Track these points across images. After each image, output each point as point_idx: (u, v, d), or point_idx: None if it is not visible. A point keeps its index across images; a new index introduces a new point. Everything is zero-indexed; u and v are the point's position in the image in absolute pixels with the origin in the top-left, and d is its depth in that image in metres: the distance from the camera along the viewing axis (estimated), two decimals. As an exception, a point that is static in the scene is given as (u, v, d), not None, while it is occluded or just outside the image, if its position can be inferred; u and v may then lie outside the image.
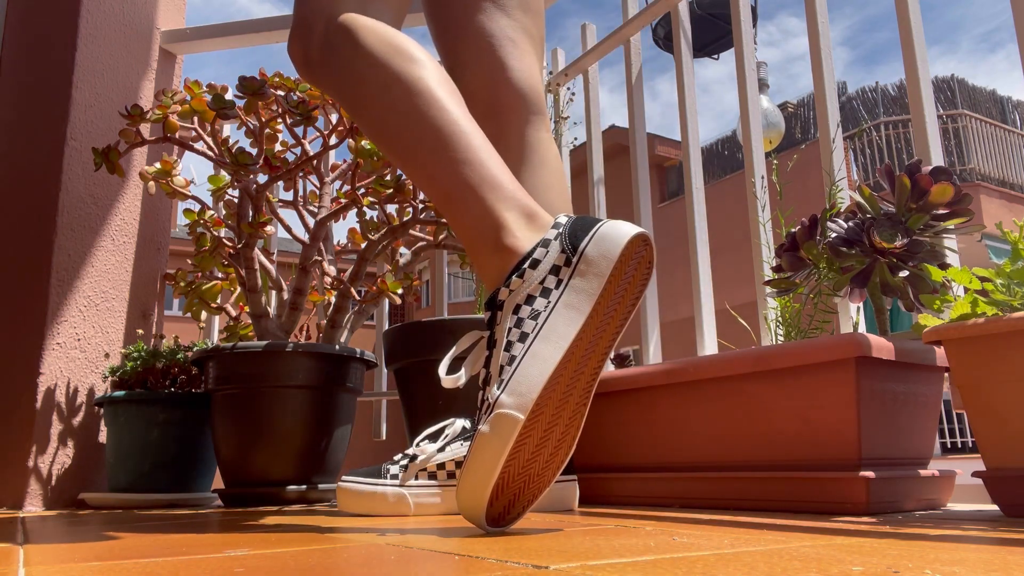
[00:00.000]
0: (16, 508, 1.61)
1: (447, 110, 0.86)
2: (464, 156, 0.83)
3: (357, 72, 0.90)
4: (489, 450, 0.72)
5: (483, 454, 0.72)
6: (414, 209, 1.70)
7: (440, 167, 0.84)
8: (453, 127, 0.85)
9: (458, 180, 0.83)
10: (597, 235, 0.78)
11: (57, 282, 1.74)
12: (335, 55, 0.92)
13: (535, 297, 0.76)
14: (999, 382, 0.80)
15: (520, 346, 0.74)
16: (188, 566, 0.53)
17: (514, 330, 0.76)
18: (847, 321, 1.27)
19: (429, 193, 0.86)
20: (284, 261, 1.95)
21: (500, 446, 0.71)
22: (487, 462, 0.72)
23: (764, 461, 1.00)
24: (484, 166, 0.83)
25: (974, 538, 0.61)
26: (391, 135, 0.88)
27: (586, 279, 0.76)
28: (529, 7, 1.16)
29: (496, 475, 0.71)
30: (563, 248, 0.78)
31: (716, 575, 0.43)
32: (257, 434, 1.50)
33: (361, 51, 0.90)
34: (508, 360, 0.74)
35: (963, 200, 1.03)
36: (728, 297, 1.80)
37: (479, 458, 0.72)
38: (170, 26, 2.10)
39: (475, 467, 0.72)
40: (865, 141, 9.73)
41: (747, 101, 1.50)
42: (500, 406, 0.72)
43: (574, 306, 0.75)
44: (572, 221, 0.81)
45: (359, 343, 2.00)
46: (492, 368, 0.76)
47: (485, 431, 0.72)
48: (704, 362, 1.09)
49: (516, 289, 0.77)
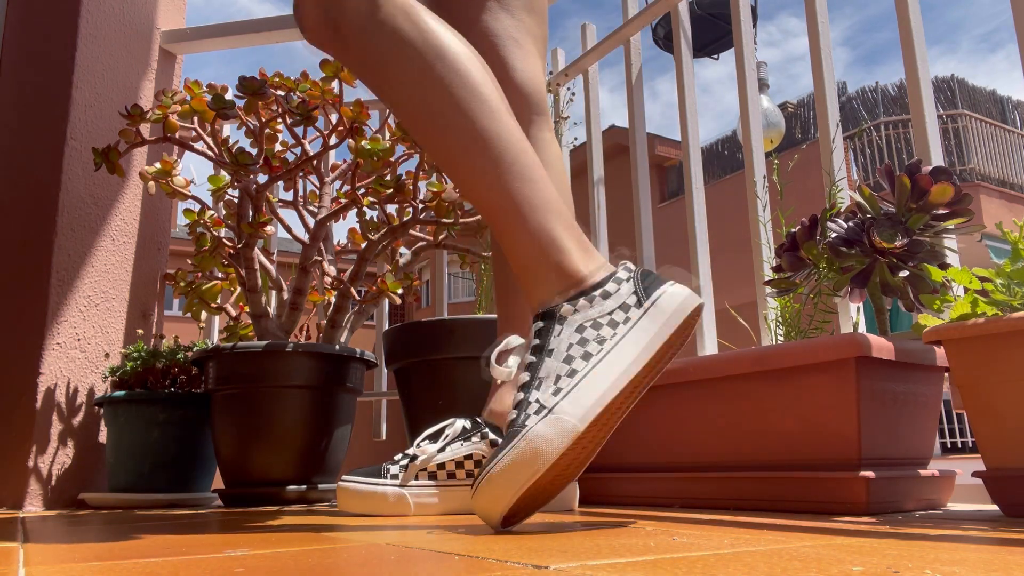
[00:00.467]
0: (16, 508, 1.61)
1: (511, 124, 0.86)
2: (526, 173, 0.85)
3: (407, 56, 0.86)
4: (541, 449, 0.73)
5: (531, 453, 0.73)
6: (414, 209, 1.70)
7: (501, 179, 0.84)
8: (518, 143, 0.85)
9: (520, 196, 0.84)
10: (670, 291, 0.83)
11: (57, 282, 1.74)
12: (381, 29, 0.86)
13: (602, 325, 0.80)
14: (999, 382, 0.80)
15: (583, 363, 0.77)
16: (188, 566, 0.53)
17: (576, 347, 0.79)
18: (847, 321, 1.27)
19: (480, 199, 0.86)
20: (284, 261, 1.95)
21: (555, 448, 0.73)
22: (533, 461, 0.73)
23: (764, 461, 1.00)
24: (544, 187, 0.85)
25: (974, 538, 0.61)
26: (442, 131, 0.86)
27: (655, 325, 0.81)
28: (533, 8, 1.15)
29: (540, 475, 0.73)
30: (636, 291, 0.83)
31: (716, 575, 0.43)
32: (257, 434, 1.50)
33: (419, 31, 0.86)
34: (568, 372, 0.77)
35: (963, 200, 1.03)
36: (728, 297, 1.80)
37: (525, 455, 0.73)
38: (170, 26, 2.10)
39: (519, 463, 0.73)
40: (865, 141, 9.73)
41: (747, 101, 1.50)
42: (561, 411, 0.74)
43: (639, 343, 0.79)
44: (641, 270, 0.86)
45: (359, 343, 1.99)
46: (541, 374, 0.78)
47: (541, 431, 0.73)
48: (704, 362, 1.09)
49: (581, 310, 0.81)
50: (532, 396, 0.76)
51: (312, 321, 1.93)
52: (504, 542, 0.65)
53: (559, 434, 0.73)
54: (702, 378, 1.09)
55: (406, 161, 1.76)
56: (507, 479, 0.73)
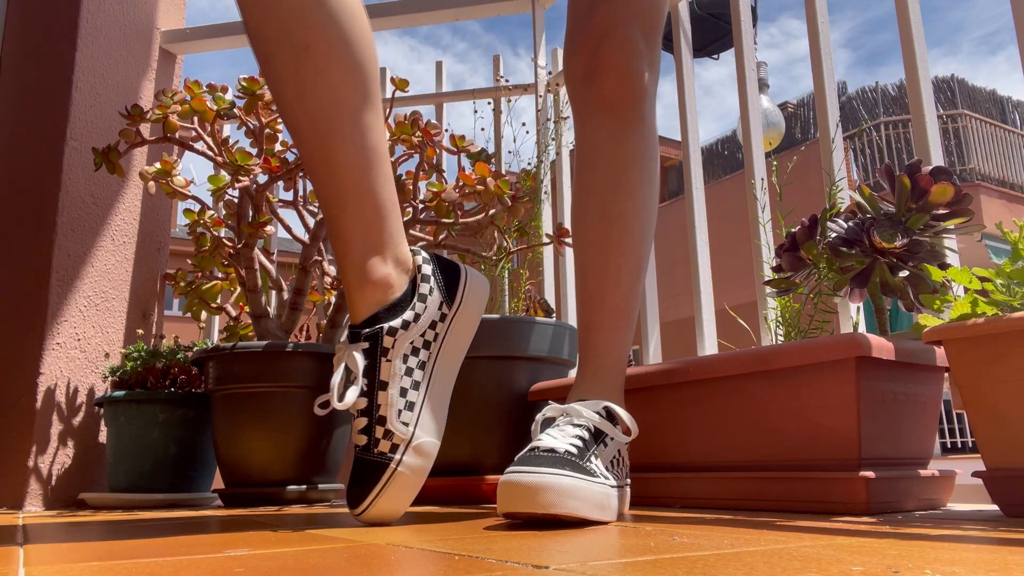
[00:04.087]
0: (16, 508, 1.61)
1: None
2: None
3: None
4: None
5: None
6: (414, 209, 1.70)
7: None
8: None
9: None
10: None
11: (57, 282, 1.74)
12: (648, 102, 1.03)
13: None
14: (999, 382, 0.80)
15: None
16: (188, 566, 0.53)
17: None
18: (847, 321, 1.27)
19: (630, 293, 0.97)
20: (284, 261, 1.95)
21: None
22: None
23: (764, 461, 1.00)
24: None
25: (974, 538, 0.61)
26: None
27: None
28: None
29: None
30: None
31: (716, 575, 0.43)
32: (257, 434, 1.50)
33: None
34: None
35: (963, 200, 1.03)
36: (728, 297, 1.80)
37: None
38: (170, 26, 2.10)
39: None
40: (865, 141, 9.73)
41: (747, 101, 1.50)
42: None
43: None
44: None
45: (359, 343, 1.98)
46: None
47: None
48: (704, 362, 1.09)
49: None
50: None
51: (312, 321, 1.93)
52: (504, 542, 0.65)
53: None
54: (702, 378, 1.09)
55: (406, 161, 1.76)
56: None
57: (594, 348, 0.96)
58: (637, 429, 0.92)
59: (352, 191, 0.87)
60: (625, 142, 0.99)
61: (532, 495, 0.73)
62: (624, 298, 0.97)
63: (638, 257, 0.98)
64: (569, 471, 0.76)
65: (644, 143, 1.01)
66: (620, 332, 0.96)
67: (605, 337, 0.95)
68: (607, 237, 0.98)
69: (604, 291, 0.97)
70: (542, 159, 1.99)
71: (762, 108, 5.44)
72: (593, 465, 0.80)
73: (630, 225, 0.98)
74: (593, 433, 0.85)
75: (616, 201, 0.98)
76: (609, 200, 0.99)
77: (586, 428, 0.85)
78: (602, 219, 0.98)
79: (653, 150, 1.02)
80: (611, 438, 0.86)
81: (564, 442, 0.81)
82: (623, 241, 0.97)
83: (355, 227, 0.87)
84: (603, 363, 0.95)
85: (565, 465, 0.77)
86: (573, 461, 0.78)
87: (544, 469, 0.75)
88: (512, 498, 0.74)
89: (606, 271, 0.97)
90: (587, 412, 0.86)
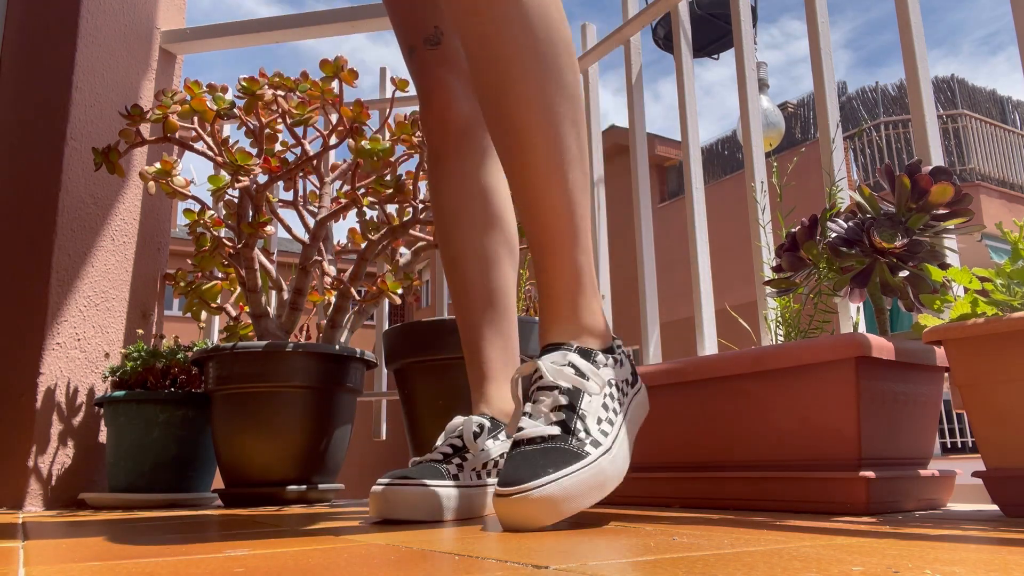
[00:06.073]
0: (16, 508, 1.61)
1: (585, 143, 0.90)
2: (588, 213, 0.90)
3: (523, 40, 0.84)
4: (606, 484, 0.79)
5: (599, 484, 0.78)
6: (414, 209, 1.70)
7: (581, 197, 0.87)
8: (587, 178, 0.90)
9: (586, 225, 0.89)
10: (642, 394, 0.93)
11: (57, 282, 1.74)
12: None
13: (615, 397, 0.86)
14: (999, 382, 0.80)
15: (616, 417, 0.84)
16: (188, 566, 0.53)
17: (609, 402, 0.84)
18: (847, 321, 1.27)
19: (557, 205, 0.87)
20: (284, 261, 1.95)
21: (612, 485, 0.81)
22: (602, 489, 0.79)
23: (764, 461, 1.00)
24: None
25: (974, 538, 0.61)
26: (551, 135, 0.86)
27: (640, 407, 0.92)
28: None
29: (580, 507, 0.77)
30: (632, 374, 0.91)
31: (716, 575, 0.43)
32: (257, 434, 1.50)
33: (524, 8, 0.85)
34: (608, 420, 0.83)
35: (963, 200, 1.03)
36: (728, 297, 1.80)
37: (595, 483, 0.78)
38: (170, 26, 2.10)
39: (591, 487, 0.77)
40: (865, 141, 9.73)
41: (747, 101, 1.50)
42: (618, 456, 0.82)
43: (634, 419, 0.90)
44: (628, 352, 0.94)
45: (359, 343, 1.99)
46: (583, 407, 0.81)
47: (606, 467, 0.79)
48: (704, 362, 1.09)
49: (609, 366, 0.86)
50: (580, 424, 0.80)
51: (312, 321, 1.93)
52: (504, 542, 0.65)
53: (617, 475, 0.81)
54: (702, 378, 1.09)
55: (406, 161, 1.76)
56: (579, 496, 0.76)
57: (542, 280, 0.89)
58: (613, 338, 0.91)
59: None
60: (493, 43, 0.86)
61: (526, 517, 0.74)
62: (550, 208, 0.86)
63: (549, 157, 0.85)
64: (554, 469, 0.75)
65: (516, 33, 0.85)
66: (557, 250, 0.87)
67: (548, 262, 0.88)
68: (507, 151, 0.87)
69: (527, 209, 0.88)
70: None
71: (762, 108, 5.44)
72: (580, 437, 0.79)
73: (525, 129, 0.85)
74: (571, 397, 0.81)
75: (502, 104, 0.86)
76: (497, 105, 0.87)
77: (562, 393, 0.81)
78: (496, 128, 0.88)
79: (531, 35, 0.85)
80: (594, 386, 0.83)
81: (543, 425, 0.80)
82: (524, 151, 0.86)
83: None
84: (553, 292, 0.88)
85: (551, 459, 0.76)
86: (559, 449, 0.77)
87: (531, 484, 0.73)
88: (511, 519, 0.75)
89: (520, 190, 0.88)
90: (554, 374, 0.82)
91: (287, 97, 1.62)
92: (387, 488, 0.89)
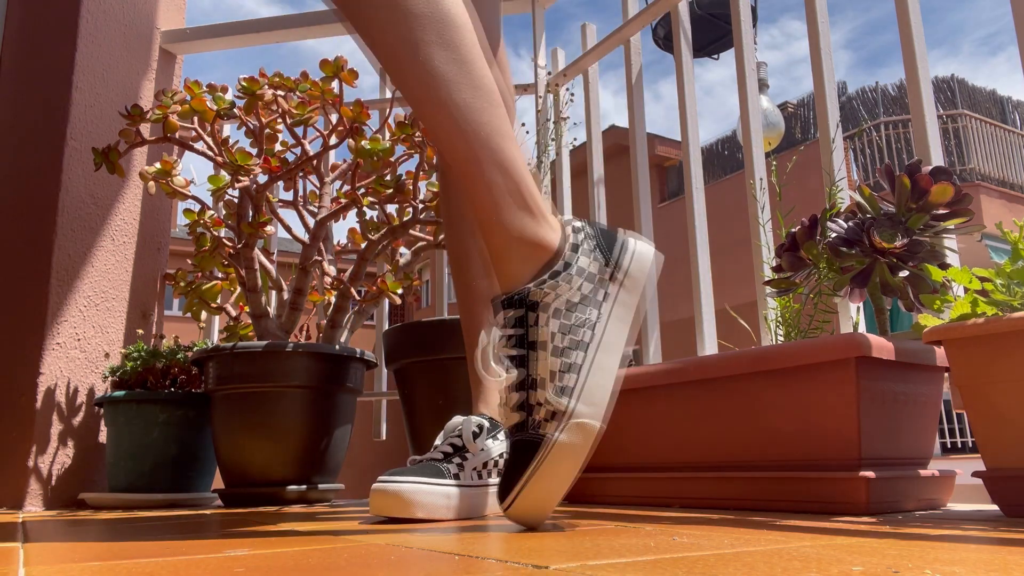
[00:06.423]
0: (16, 508, 1.61)
1: (488, 74, 0.80)
2: (502, 126, 0.80)
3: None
4: (571, 458, 0.73)
5: (564, 463, 0.73)
6: (414, 209, 1.70)
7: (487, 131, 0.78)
8: (495, 93, 0.80)
9: (498, 152, 0.79)
10: (636, 252, 0.82)
11: (57, 282, 1.74)
12: None
13: (577, 304, 0.77)
14: (999, 382, 0.80)
15: (578, 353, 0.75)
16: (188, 566, 0.53)
17: (562, 336, 0.76)
18: (847, 321, 1.27)
19: (454, 143, 0.79)
20: (284, 261, 1.95)
21: (581, 453, 0.73)
22: (568, 470, 0.73)
23: (764, 461, 1.00)
24: (516, 145, 0.80)
25: (974, 538, 0.61)
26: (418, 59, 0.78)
27: (633, 296, 0.80)
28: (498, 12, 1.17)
29: (573, 480, 0.73)
30: (605, 260, 0.80)
31: (716, 575, 0.43)
32: (257, 434, 1.50)
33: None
34: (566, 367, 0.75)
35: (963, 200, 1.03)
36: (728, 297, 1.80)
37: (559, 466, 0.73)
38: (170, 26, 2.10)
39: (553, 473, 0.73)
40: (865, 141, 9.73)
41: (747, 101, 1.50)
42: (579, 415, 0.73)
43: (623, 319, 0.79)
44: (596, 229, 0.82)
45: (359, 343, 1.99)
46: (538, 371, 0.75)
47: (567, 440, 0.72)
48: (704, 362, 1.09)
49: (554, 293, 0.77)
50: (536, 397, 0.75)
51: (312, 321, 1.93)
52: (504, 542, 0.65)
53: (584, 439, 0.73)
54: (702, 378, 1.09)
55: (406, 161, 1.76)
56: (548, 489, 0.73)
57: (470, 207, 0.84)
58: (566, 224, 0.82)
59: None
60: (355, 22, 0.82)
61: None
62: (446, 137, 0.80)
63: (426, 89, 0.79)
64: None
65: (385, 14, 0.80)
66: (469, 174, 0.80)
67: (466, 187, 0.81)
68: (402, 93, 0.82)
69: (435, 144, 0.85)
70: (542, 159, 1.99)
71: (762, 108, 5.44)
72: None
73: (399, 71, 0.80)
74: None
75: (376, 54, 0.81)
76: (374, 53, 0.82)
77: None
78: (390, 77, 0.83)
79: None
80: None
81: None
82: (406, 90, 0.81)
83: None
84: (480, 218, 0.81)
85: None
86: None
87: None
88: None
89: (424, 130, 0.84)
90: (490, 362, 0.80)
91: (287, 97, 1.62)
92: (387, 487, 0.90)
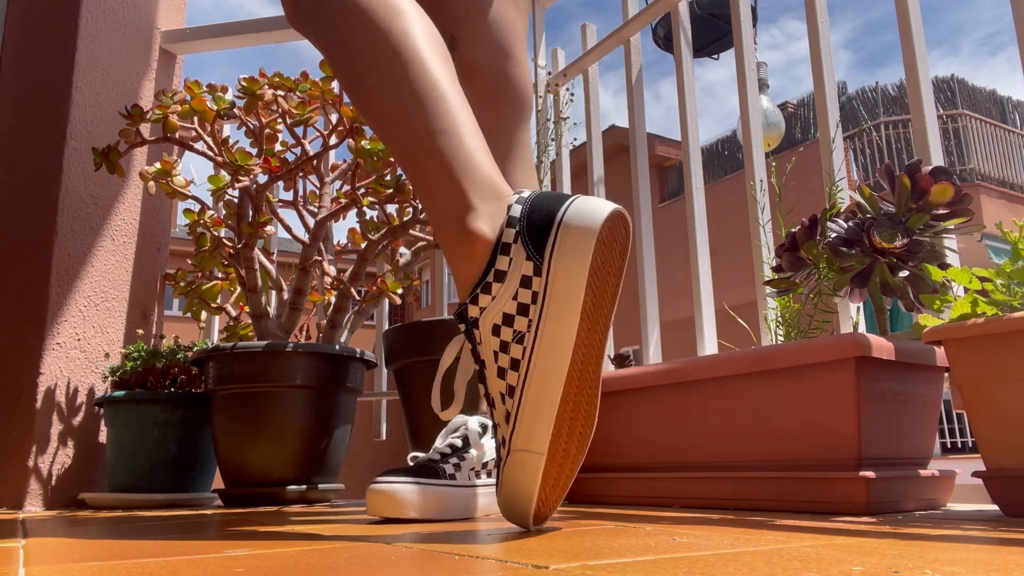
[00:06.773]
0: (16, 508, 1.61)
1: (429, 71, 0.78)
2: (441, 125, 0.76)
3: (341, 23, 0.81)
4: (518, 486, 0.70)
5: (515, 490, 0.71)
6: (414, 209, 1.70)
7: (413, 135, 0.76)
8: (433, 91, 0.77)
9: (432, 151, 0.75)
10: (562, 231, 0.69)
11: (57, 282, 1.74)
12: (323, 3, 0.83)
13: (513, 316, 0.70)
14: (999, 382, 0.80)
15: (514, 374, 0.70)
16: (188, 566, 0.53)
17: (502, 355, 0.71)
18: (847, 321, 1.27)
19: (403, 163, 0.79)
20: (284, 261, 1.95)
21: (530, 486, 0.69)
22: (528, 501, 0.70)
23: (764, 461, 1.00)
24: (460, 138, 0.76)
25: (974, 538, 0.61)
26: (370, 96, 0.80)
27: (567, 281, 0.68)
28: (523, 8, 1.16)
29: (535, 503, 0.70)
30: (528, 254, 0.70)
31: (716, 575, 0.43)
32: (257, 434, 1.50)
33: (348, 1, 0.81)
34: (508, 390, 0.71)
35: (963, 200, 1.03)
36: (728, 297, 1.80)
37: (514, 491, 0.71)
38: (170, 26, 2.10)
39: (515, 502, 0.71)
40: (865, 141, 9.73)
41: (747, 101, 1.50)
42: (516, 448, 0.70)
43: (560, 317, 0.68)
44: (529, 209, 0.72)
45: (359, 343, 2.00)
46: (491, 390, 0.73)
47: (510, 476, 0.71)
48: (704, 362, 1.09)
49: (487, 307, 0.71)
50: (495, 416, 0.73)
51: (312, 321, 1.93)
52: (504, 542, 0.65)
53: (525, 473, 0.69)
54: (702, 378, 1.09)
55: (406, 161, 1.76)
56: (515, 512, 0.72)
57: None
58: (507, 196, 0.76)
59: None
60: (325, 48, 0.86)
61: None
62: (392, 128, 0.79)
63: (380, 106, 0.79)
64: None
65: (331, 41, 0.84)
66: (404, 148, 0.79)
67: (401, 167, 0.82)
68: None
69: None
70: (542, 159, 1.99)
71: (762, 108, 5.44)
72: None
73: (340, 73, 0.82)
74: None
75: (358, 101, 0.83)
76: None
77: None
78: None
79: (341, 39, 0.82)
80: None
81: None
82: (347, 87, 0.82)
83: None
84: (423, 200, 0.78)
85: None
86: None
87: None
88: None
89: None
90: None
91: (287, 97, 1.62)
92: (382, 487, 0.90)
